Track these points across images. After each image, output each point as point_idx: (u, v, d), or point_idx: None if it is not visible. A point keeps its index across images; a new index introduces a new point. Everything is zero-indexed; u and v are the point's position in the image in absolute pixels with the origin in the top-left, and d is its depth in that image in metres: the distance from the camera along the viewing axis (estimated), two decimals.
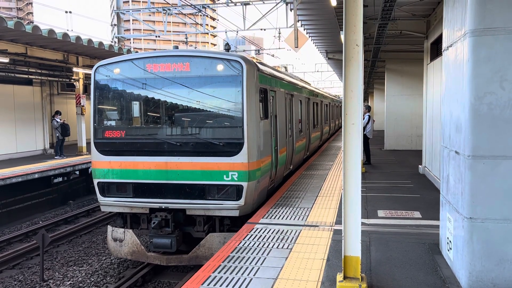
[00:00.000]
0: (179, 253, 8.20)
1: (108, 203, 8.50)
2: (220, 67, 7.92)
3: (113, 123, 8.77)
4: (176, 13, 21.54)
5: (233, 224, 8.18)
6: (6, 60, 15.25)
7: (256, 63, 8.55)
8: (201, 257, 7.92)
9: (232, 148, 7.80)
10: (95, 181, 8.57)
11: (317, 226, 7.33)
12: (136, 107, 8.70)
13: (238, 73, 7.84)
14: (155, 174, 8.12)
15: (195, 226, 8.26)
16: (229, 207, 7.83)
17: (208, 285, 5.03)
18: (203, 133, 8.13)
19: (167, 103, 8.42)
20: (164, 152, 8.10)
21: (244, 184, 7.78)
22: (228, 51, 9.50)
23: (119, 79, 8.51)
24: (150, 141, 8.29)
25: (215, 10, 23.95)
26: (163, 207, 8.07)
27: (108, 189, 8.48)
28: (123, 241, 8.47)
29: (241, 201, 7.81)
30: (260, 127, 8.35)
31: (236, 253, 6.06)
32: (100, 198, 8.57)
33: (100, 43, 17.66)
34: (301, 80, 18.08)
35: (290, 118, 12.36)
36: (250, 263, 5.67)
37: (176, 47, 8.99)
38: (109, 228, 8.69)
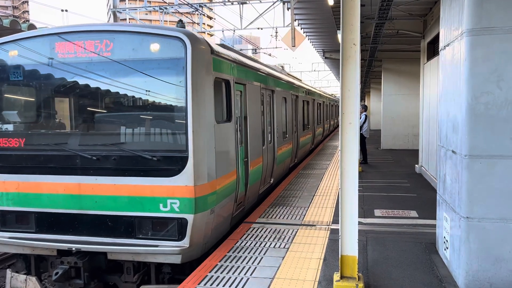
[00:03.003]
0: None
1: (2, 241, 6.11)
2: (154, 46, 5.65)
3: (9, 127, 6.41)
4: (173, 12, 21.49)
5: (177, 271, 5.97)
6: None
7: (211, 43, 6.32)
8: None
9: (171, 164, 5.58)
10: None
11: (314, 225, 7.33)
12: (38, 105, 6.38)
13: (180, 56, 5.54)
14: (65, 201, 5.87)
15: (122, 274, 5.96)
16: (167, 251, 5.56)
17: (204, 284, 5.02)
18: (131, 142, 5.94)
19: (80, 100, 6.13)
20: (76, 170, 5.83)
21: (189, 217, 5.54)
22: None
23: (16, 65, 6.14)
24: (57, 154, 5.94)
25: (212, 9, 23.93)
26: (74, 249, 5.73)
27: (3, 220, 6.17)
28: None
29: (185, 242, 5.57)
30: (216, 133, 6.11)
31: (233, 252, 6.05)
32: None
33: None
34: (288, 74, 16.17)
35: (270, 120, 10.17)
36: (247, 263, 5.65)
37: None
38: (8, 273, 6.41)
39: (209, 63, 6.00)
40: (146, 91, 5.90)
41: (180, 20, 7.48)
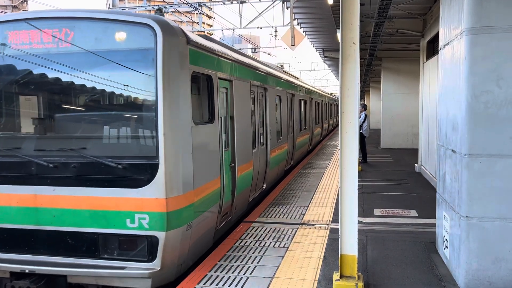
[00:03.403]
0: None
1: None
2: (120, 35, 4.96)
3: None
4: (172, 11, 21.47)
5: None
6: None
7: (188, 32, 5.51)
8: None
9: (138, 173, 4.86)
10: None
11: (313, 224, 7.32)
12: None
13: (149, 46, 4.84)
14: (18, 215, 5.11)
15: None
16: (135, 274, 4.82)
17: (204, 284, 5.01)
18: (93, 147, 5.14)
19: (36, 98, 5.46)
20: (31, 179, 5.08)
21: (160, 235, 4.81)
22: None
23: None
24: (9, 160, 5.20)
25: (211, 9, 23.91)
26: (27, 271, 4.96)
27: None
28: None
29: (155, 263, 4.85)
30: (194, 136, 5.35)
31: (232, 252, 6.04)
32: None
33: None
34: (284, 72, 15.29)
35: (262, 120, 9.46)
36: (246, 262, 5.65)
37: None
38: None
39: (185, 55, 5.25)
40: (111, 87, 5.20)
41: (159, 9, 6.47)
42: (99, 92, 5.26)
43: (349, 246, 4.66)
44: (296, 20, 15.33)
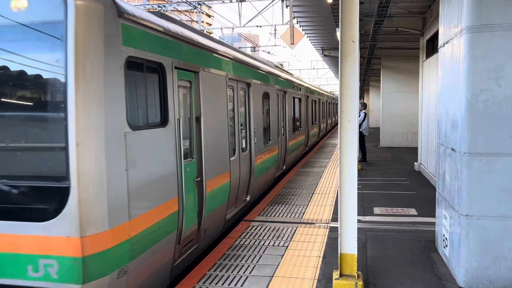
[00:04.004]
0: None
1: None
2: (18, 3, 3.57)
3: None
4: (172, 10, 21.45)
5: None
6: None
7: (120, 2, 3.95)
8: None
9: (42, 201, 3.56)
10: None
11: (313, 223, 7.32)
12: None
13: (57, 18, 3.44)
14: None
15: None
16: None
17: (203, 283, 5.00)
18: None
19: None
20: None
21: None
22: None
23: None
24: None
25: (210, 7, 23.88)
26: None
27: None
28: None
29: None
30: (131, 146, 3.93)
31: (232, 251, 6.04)
32: None
33: None
34: (275, 67, 13.68)
35: (244, 122, 8.15)
36: (246, 261, 5.64)
37: None
38: None
39: (114, 32, 3.77)
40: (5, 77, 3.72)
41: None
42: None
43: (349, 245, 4.66)
44: (295, 18, 15.31)
